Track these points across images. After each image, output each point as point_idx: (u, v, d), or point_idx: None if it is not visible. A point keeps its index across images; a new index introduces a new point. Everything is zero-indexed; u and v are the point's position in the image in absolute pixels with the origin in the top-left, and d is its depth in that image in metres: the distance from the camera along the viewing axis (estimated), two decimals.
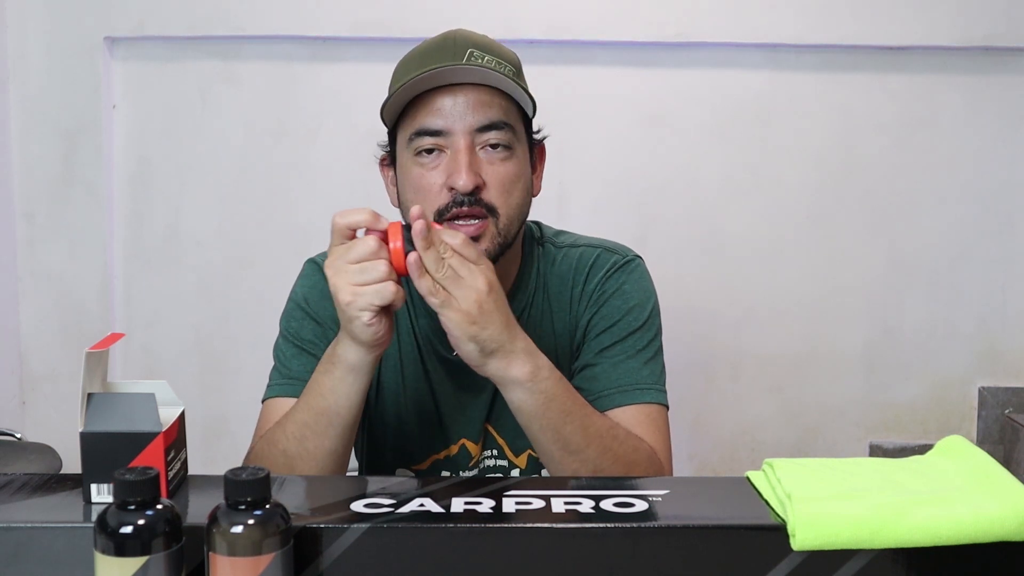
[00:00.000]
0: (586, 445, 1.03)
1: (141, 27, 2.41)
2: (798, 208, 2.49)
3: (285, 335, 1.21)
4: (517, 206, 1.12)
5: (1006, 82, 2.44)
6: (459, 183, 1.06)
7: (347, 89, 2.40)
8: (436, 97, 1.08)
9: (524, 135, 1.15)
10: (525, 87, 1.13)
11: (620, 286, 1.20)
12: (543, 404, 1.01)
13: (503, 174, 1.09)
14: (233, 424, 2.47)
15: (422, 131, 1.09)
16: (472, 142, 1.08)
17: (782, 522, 0.77)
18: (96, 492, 0.82)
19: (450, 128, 1.08)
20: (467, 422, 1.20)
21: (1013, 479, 0.81)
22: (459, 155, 1.07)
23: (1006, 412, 2.53)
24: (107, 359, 0.88)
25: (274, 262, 2.42)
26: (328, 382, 1.02)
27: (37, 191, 2.47)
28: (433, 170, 1.09)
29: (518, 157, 1.12)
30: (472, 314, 0.95)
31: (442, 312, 0.95)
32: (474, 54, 1.09)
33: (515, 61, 1.15)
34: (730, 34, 2.39)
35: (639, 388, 1.15)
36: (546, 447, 1.03)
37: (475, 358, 0.98)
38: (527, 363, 1.00)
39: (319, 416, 1.03)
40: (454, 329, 0.96)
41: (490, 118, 1.09)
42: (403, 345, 1.21)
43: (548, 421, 1.01)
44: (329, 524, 0.76)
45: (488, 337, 0.97)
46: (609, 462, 1.04)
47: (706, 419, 2.54)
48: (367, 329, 0.95)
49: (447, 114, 1.08)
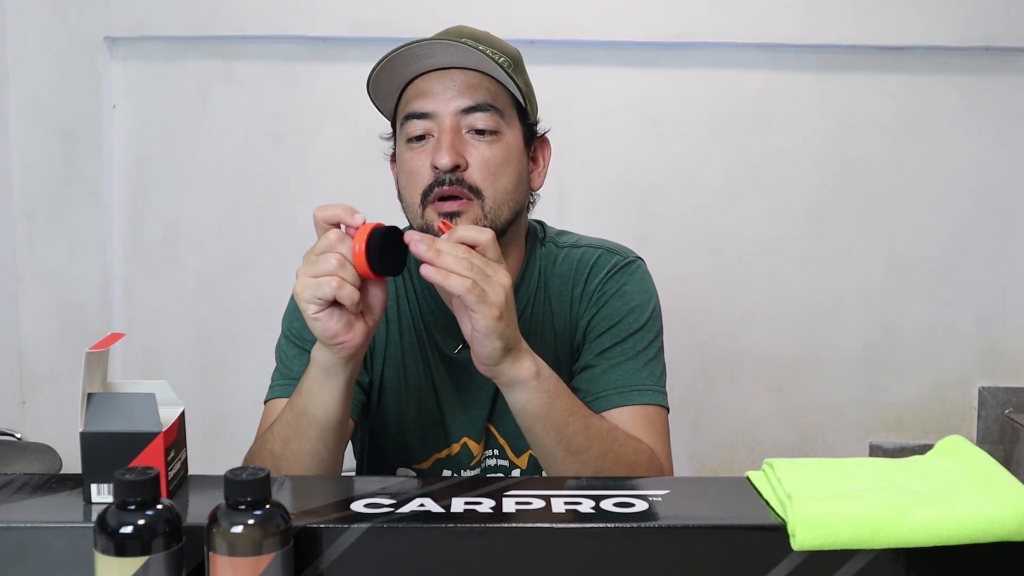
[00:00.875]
0: (588, 445, 1.03)
1: (141, 27, 2.41)
2: (798, 208, 2.49)
3: (287, 335, 1.21)
4: (505, 191, 1.11)
5: (1006, 82, 2.44)
6: (440, 161, 1.07)
7: (347, 89, 2.39)
8: (425, 81, 1.10)
9: (517, 122, 1.14)
10: (519, 79, 1.13)
11: (621, 287, 1.19)
12: (547, 403, 1.00)
13: (488, 156, 1.09)
14: (233, 424, 2.47)
15: (411, 114, 1.10)
16: (457, 123, 1.09)
17: (782, 522, 0.77)
18: (96, 492, 0.82)
19: (436, 110, 1.09)
20: (469, 421, 1.20)
21: (1013, 479, 0.81)
22: (442, 135, 1.08)
23: (1006, 412, 2.53)
24: (107, 359, 0.88)
25: (274, 262, 2.43)
26: (306, 383, 1.01)
27: (37, 191, 2.47)
28: (420, 153, 1.10)
29: (507, 142, 1.12)
30: (503, 309, 0.93)
31: (478, 308, 0.92)
32: (468, 41, 1.10)
33: (514, 55, 1.16)
34: (730, 34, 2.39)
35: (638, 389, 1.15)
36: (549, 448, 1.03)
37: (495, 357, 0.96)
38: (532, 363, 0.99)
39: (299, 417, 1.02)
40: (486, 325, 0.93)
41: (475, 100, 1.09)
42: (405, 343, 1.21)
43: (552, 421, 1.01)
44: (329, 524, 0.76)
45: (511, 334, 0.96)
46: (611, 462, 1.04)
47: (706, 419, 2.54)
48: (315, 324, 0.93)
49: (435, 96, 1.09)
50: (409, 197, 1.12)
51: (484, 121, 1.10)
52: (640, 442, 1.10)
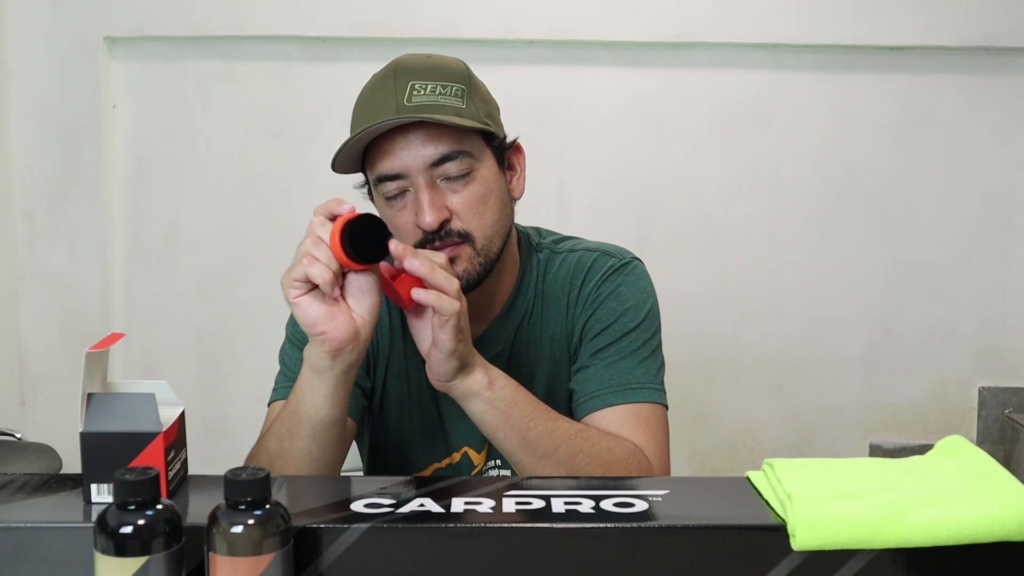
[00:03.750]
0: (555, 448, 1.04)
1: (141, 27, 2.41)
2: (798, 208, 2.49)
3: (291, 339, 1.21)
4: (493, 223, 1.12)
5: (1006, 82, 2.44)
6: (424, 222, 1.08)
7: (347, 89, 2.37)
8: (387, 141, 1.09)
9: (487, 150, 1.13)
10: (477, 104, 1.12)
11: (616, 288, 1.19)
12: (503, 411, 1.03)
13: (468, 198, 1.10)
14: (233, 424, 2.47)
15: (383, 177, 1.11)
16: (431, 177, 1.09)
17: (782, 522, 0.77)
18: (96, 492, 0.82)
19: (406, 169, 1.09)
20: (470, 430, 1.20)
21: (1013, 479, 0.81)
22: (420, 194, 1.08)
23: (1006, 412, 2.53)
24: (107, 359, 0.88)
25: (274, 262, 2.40)
26: (299, 382, 1.03)
27: (37, 191, 2.47)
28: (402, 211, 1.11)
29: (483, 176, 1.11)
30: (462, 328, 0.98)
31: (446, 324, 0.96)
32: (415, 87, 1.09)
33: (462, 76, 1.13)
34: (730, 34, 2.39)
35: (631, 388, 1.14)
36: (515, 453, 1.04)
37: (450, 374, 1.00)
38: (483, 374, 1.02)
39: (292, 415, 1.03)
40: (450, 342, 0.97)
41: (442, 152, 1.08)
42: (408, 353, 1.21)
43: (512, 428, 1.03)
44: (329, 524, 0.76)
45: (465, 351, 1.00)
46: (583, 463, 1.05)
47: (706, 419, 2.54)
48: (296, 309, 0.96)
49: (400, 155, 1.09)
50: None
51: (456, 167, 1.09)
52: (619, 440, 1.09)
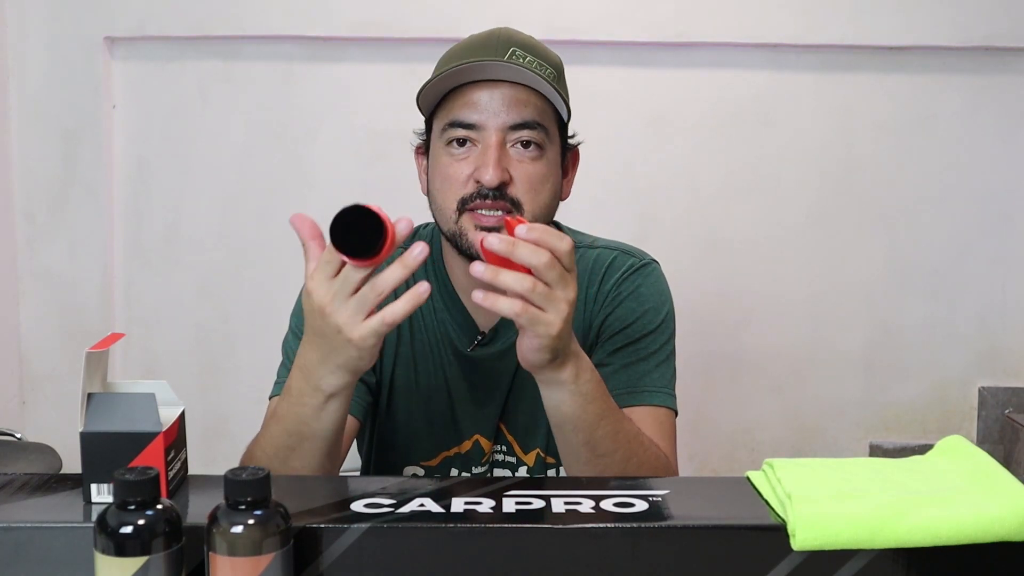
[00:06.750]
0: (615, 449, 1.02)
1: (141, 27, 2.41)
2: (798, 208, 2.49)
3: (295, 331, 1.20)
4: (544, 206, 1.11)
5: (1006, 82, 2.44)
6: (485, 177, 1.06)
7: (347, 89, 2.40)
8: (473, 91, 1.09)
9: (557, 137, 1.14)
10: (564, 91, 1.13)
11: (635, 288, 1.19)
12: (581, 406, 0.98)
13: (531, 172, 1.09)
14: (233, 424, 2.46)
15: (455, 123, 1.09)
16: (503, 138, 1.08)
17: (782, 522, 0.77)
18: (96, 492, 0.82)
19: (483, 123, 1.08)
20: (482, 418, 1.20)
21: (1013, 479, 0.81)
22: (489, 150, 1.07)
23: (1006, 412, 2.53)
24: (107, 359, 0.88)
25: (274, 262, 2.43)
26: (302, 407, 0.95)
27: (37, 191, 2.47)
28: (462, 160, 1.09)
29: (548, 158, 1.12)
30: (562, 328, 0.89)
31: (532, 329, 0.88)
32: (516, 52, 1.09)
33: (558, 64, 1.15)
34: (730, 34, 2.39)
35: (648, 390, 1.15)
36: (576, 448, 1.01)
37: (541, 363, 0.93)
38: (574, 366, 0.96)
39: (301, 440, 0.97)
40: (541, 343, 0.89)
41: (524, 117, 1.09)
42: (417, 342, 1.21)
43: (582, 423, 0.99)
44: (329, 524, 0.76)
45: (563, 346, 0.92)
46: (633, 467, 1.03)
47: (706, 419, 2.54)
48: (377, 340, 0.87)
49: (482, 108, 1.08)
50: (442, 201, 1.11)
51: (530, 136, 1.09)
52: (659, 447, 1.09)
